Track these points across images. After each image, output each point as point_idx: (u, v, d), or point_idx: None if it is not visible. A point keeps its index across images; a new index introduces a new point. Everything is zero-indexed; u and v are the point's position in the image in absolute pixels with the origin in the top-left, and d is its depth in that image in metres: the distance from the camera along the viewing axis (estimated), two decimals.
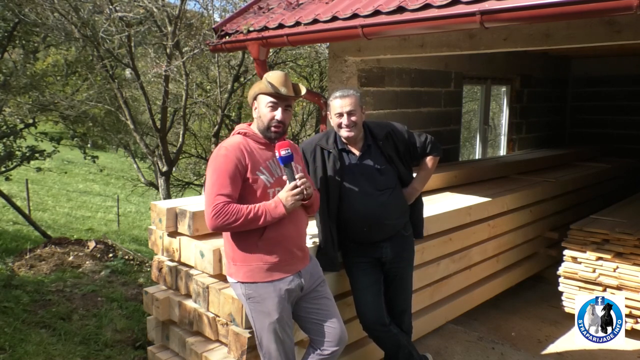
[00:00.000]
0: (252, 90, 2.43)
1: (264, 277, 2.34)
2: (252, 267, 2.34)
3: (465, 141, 10.79)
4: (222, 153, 2.32)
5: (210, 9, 8.63)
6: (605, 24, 3.11)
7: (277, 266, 2.35)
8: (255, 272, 2.34)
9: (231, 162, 2.29)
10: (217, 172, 2.29)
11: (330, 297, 2.58)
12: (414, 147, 2.93)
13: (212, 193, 2.26)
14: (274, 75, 2.37)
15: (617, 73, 7.46)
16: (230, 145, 2.35)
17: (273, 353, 2.39)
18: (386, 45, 4.16)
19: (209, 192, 2.27)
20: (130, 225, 14.81)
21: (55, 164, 17.74)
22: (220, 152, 2.34)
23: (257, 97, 2.41)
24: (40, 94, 9.22)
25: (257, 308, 2.36)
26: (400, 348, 2.91)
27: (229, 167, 2.28)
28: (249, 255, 2.34)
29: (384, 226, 2.80)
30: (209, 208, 2.24)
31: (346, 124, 2.72)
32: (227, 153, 2.31)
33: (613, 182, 6.20)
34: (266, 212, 2.26)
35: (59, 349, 3.75)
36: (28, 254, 6.69)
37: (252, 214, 2.24)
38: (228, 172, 2.27)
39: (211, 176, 2.30)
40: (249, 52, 4.80)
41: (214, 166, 2.31)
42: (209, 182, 2.30)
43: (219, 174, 2.28)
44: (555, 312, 4.22)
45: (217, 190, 2.25)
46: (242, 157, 2.31)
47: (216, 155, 2.34)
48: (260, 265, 2.33)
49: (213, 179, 2.28)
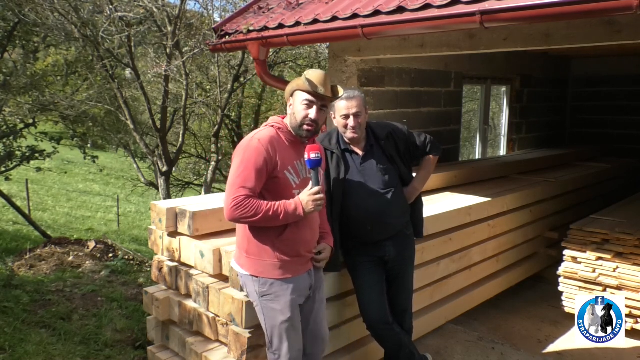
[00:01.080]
0: (290, 85, 2.39)
1: (278, 274, 2.33)
2: (266, 262, 2.33)
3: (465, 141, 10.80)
4: (255, 145, 2.26)
5: (210, 9, 8.63)
6: (605, 24, 3.11)
7: (291, 265, 2.35)
8: (268, 268, 2.33)
9: (261, 155, 2.24)
10: (244, 164, 2.24)
11: (323, 300, 2.60)
12: (414, 147, 2.95)
13: (235, 184, 2.22)
14: (314, 73, 2.33)
15: (617, 73, 7.46)
16: (263, 138, 2.29)
17: (284, 350, 2.38)
18: (386, 45, 4.16)
19: (233, 182, 2.23)
20: (130, 225, 14.81)
21: (55, 164, 17.72)
22: (253, 143, 2.27)
23: (294, 94, 2.37)
24: (40, 94, 9.22)
25: (269, 305, 2.35)
26: (402, 347, 2.91)
27: (259, 161, 2.24)
28: (264, 251, 2.33)
29: (387, 225, 2.82)
30: (230, 198, 2.21)
31: (352, 126, 2.73)
32: (259, 146, 2.25)
33: (613, 182, 6.20)
34: (285, 212, 2.25)
35: (59, 349, 3.75)
36: (28, 254, 6.69)
37: (272, 211, 2.22)
38: (256, 165, 2.23)
39: (238, 166, 2.25)
40: (249, 52, 4.80)
41: (243, 156, 2.25)
42: (235, 172, 2.25)
43: (246, 166, 2.23)
44: (555, 312, 4.22)
45: (242, 182, 2.21)
46: (273, 153, 2.27)
47: (247, 145, 2.28)
48: (274, 262, 2.33)
49: (240, 169, 2.24)
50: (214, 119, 10.77)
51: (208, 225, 2.91)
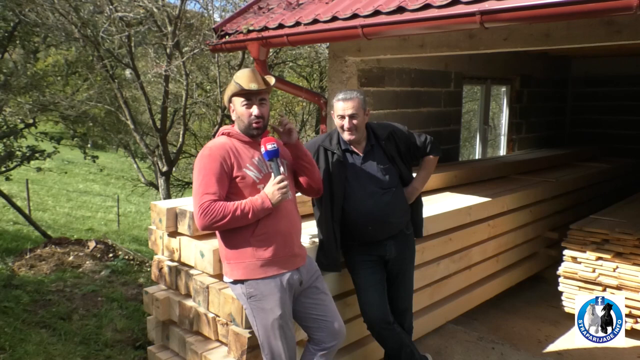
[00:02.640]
0: (226, 94, 2.44)
1: (261, 272, 2.34)
2: (245, 263, 2.34)
3: (465, 141, 10.81)
4: (206, 153, 2.34)
5: (210, 9, 8.60)
6: (605, 24, 3.11)
7: (273, 262, 2.35)
8: (251, 269, 2.34)
9: (216, 160, 2.30)
10: (202, 172, 2.30)
11: (328, 292, 2.59)
12: (414, 147, 2.95)
13: (198, 193, 2.28)
14: (241, 74, 2.38)
15: (617, 73, 7.46)
16: (214, 145, 2.38)
17: (277, 351, 2.38)
18: (386, 45, 4.16)
19: (196, 192, 2.29)
20: (130, 225, 14.81)
21: (55, 164, 17.73)
22: (205, 152, 2.35)
23: (232, 100, 2.41)
24: (41, 94, 9.21)
25: (259, 306, 2.35)
26: (403, 347, 2.91)
27: (214, 166, 2.30)
28: (242, 252, 2.34)
29: (388, 225, 2.82)
30: (197, 208, 2.26)
31: (347, 127, 2.74)
32: (211, 153, 2.33)
33: (613, 182, 6.20)
34: (253, 208, 2.27)
35: (59, 349, 3.75)
36: (28, 254, 6.68)
37: (239, 210, 2.25)
38: (213, 170, 2.29)
39: (197, 177, 2.32)
40: (248, 52, 4.80)
41: (199, 166, 2.33)
42: (196, 182, 2.31)
43: (204, 174, 2.29)
44: (555, 312, 4.22)
45: (204, 189, 2.27)
46: (227, 156, 2.32)
47: (200, 156, 2.36)
48: (253, 261, 2.33)
49: (199, 179, 2.30)
50: (214, 119, 10.77)
51: None
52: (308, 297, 2.50)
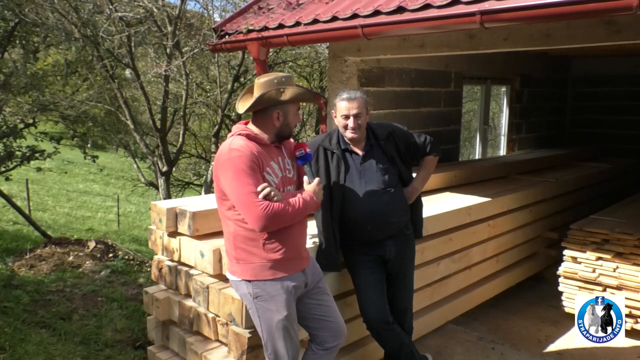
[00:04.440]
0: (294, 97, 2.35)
1: (270, 274, 2.33)
2: (255, 265, 2.33)
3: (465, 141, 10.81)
4: (236, 155, 2.23)
5: (210, 9, 8.60)
6: (605, 24, 3.11)
7: (282, 264, 2.35)
8: (259, 270, 2.33)
9: (250, 160, 2.23)
10: (239, 172, 2.20)
11: (329, 292, 2.61)
12: (414, 147, 2.95)
13: (246, 192, 2.18)
14: (295, 89, 2.38)
15: (617, 73, 7.46)
16: (239, 146, 2.27)
17: (281, 351, 2.38)
18: (386, 45, 4.16)
19: (243, 193, 2.18)
20: (130, 225, 14.80)
21: (55, 164, 17.72)
22: (234, 154, 2.23)
23: (287, 107, 2.37)
24: (40, 94, 9.22)
25: (264, 306, 2.35)
26: (403, 347, 2.91)
27: (251, 165, 2.22)
28: (253, 253, 2.33)
29: (387, 224, 2.82)
30: (255, 208, 2.17)
31: (352, 127, 2.75)
32: (242, 153, 2.23)
33: (613, 182, 6.20)
34: (304, 202, 2.32)
35: (59, 349, 3.75)
36: (28, 254, 6.69)
37: (298, 205, 2.28)
38: (252, 168, 2.23)
39: (237, 178, 2.20)
40: (248, 52, 4.80)
41: (234, 167, 2.21)
42: (237, 184, 2.20)
43: (243, 173, 2.20)
44: (555, 312, 4.22)
45: (252, 188, 2.18)
46: (254, 157, 2.27)
47: (229, 157, 2.24)
48: (264, 263, 2.32)
49: (241, 179, 2.19)
50: (214, 119, 10.77)
51: (208, 225, 2.91)
52: (311, 297, 2.50)
